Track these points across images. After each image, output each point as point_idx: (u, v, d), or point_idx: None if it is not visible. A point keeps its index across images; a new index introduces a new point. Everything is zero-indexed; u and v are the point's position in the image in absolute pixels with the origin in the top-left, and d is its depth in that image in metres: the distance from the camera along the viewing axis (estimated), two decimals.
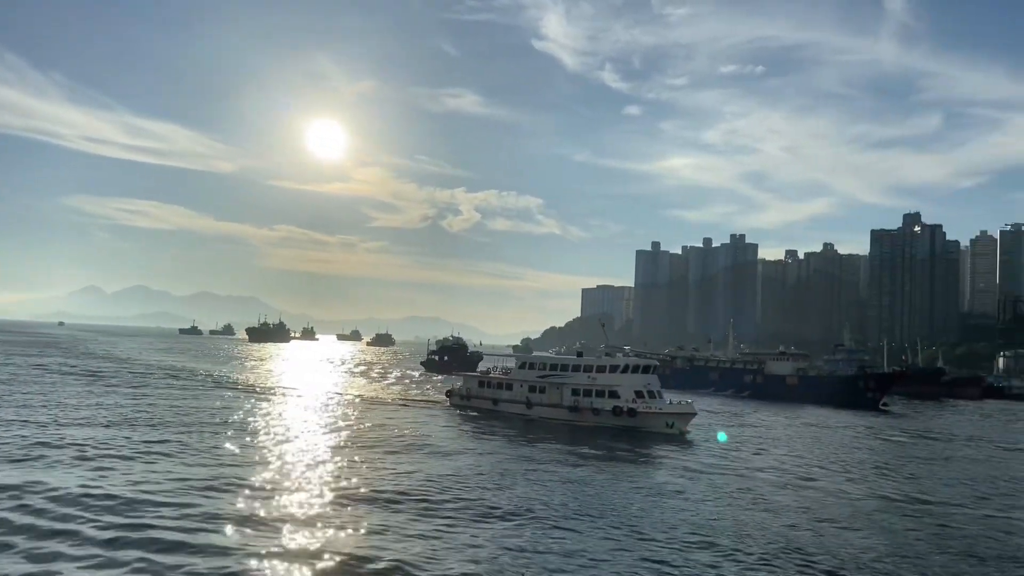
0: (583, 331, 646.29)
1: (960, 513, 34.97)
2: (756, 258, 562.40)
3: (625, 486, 37.30)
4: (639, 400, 61.14)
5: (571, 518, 29.66)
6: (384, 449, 44.99)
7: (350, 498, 31.00)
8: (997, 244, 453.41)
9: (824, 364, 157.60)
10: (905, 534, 30.20)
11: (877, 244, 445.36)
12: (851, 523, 31.41)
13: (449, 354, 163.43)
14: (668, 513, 31.60)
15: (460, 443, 50.20)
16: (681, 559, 24.84)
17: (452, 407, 73.24)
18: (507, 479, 37.35)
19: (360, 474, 36.34)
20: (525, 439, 53.24)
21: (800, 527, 30.18)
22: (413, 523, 27.42)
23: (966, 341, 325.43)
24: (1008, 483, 45.88)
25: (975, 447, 66.11)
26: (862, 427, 79.23)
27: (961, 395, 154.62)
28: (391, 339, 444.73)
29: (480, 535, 26.42)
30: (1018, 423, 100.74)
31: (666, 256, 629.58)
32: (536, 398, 66.71)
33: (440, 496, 32.19)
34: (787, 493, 37.60)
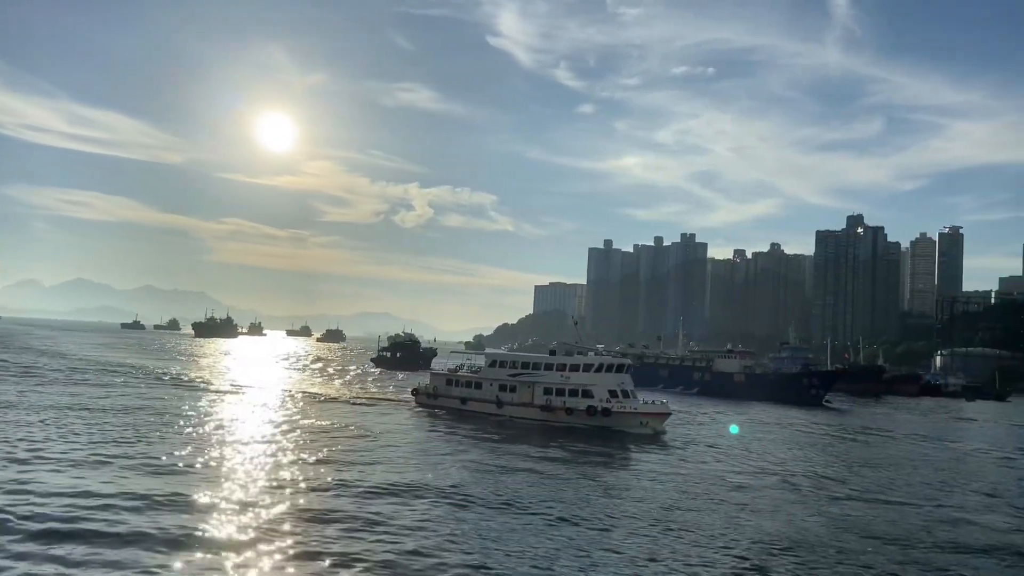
0: (536, 328, 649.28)
1: (894, 506, 35.89)
2: (705, 257, 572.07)
3: (616, 501, 36.96)
4: (613, 399, 59.81)
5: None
6: (345, 451, 43.01)
7: (303, 515, 27.73)
8: (936, 246, 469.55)
9: (770, 362, 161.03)
10: (836, 525, 30.83)
11: (822, 245, 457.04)
12: (796, 516, 31.99)
13: (402, 351, 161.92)
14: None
15: (427, 445, 48.59)
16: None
17: (418, 406, 70.85)
18: (480, 486, 34.84)
19: (316, 483, 33.30)
20: (497, 440, 51.55)
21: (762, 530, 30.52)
22: (378, 542, 25.20)
23: (905, 340, 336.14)
24: (938, 478, 47.29)
25: (911, 443, 68.11)
26: (806, 424, 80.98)
27: (900, 392, 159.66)
28: (342, 335, 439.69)
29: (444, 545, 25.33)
30: (952, 420, 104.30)
31: (618, 254, 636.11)
32: (507, 397, 64.80)
33: (401, 509, 29.55)
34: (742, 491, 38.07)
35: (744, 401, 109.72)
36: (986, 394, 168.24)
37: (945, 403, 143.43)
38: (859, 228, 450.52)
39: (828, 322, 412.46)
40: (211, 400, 68.53)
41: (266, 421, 55.37)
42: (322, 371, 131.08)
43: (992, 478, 49.09)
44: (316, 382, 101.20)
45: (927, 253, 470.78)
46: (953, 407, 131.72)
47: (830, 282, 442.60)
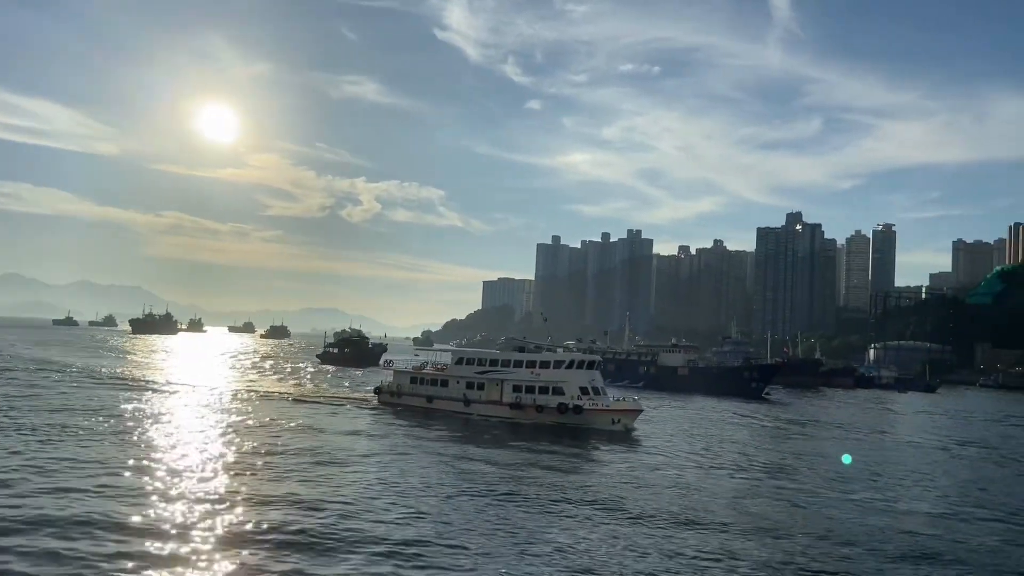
0: (485, 323, 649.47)
1: (820, 495, 37.30)
2: (651, 253, 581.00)
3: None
4: (585, 397, 59.07)
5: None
6: (297, 452, 41.53)
7: (250, 535, 24.76)
8: (870, 243, 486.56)
9: (713, 355, 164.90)
10: (767, 516, 31.92)
11: (762, 241, 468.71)
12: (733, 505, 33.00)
13: (350, 347, 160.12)
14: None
15: (387, 443, 47.22)
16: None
17: (381, 405, 68.89)
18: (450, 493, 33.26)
19: (268, 490, 30.96)
20: (466, 440, 50.27)
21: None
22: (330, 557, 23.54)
23: (841, 333, 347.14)
24: (868, 468, 49.22)
25: (844, 434, 70.63)
26: (746, 415, 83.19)
27: (836, 384, 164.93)
28: (286, 331, 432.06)
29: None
30: (885, 411, 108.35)
31: (566, 250, 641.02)
32: (474, 395, 63.37)
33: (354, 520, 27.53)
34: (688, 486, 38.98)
35: (688, 394, 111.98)
36: (917, 386, 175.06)
37: (878, 395, 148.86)
38: (798, 225, 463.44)
39: (768, 316, 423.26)
40: (149, 399, 66.61)
41: (212, 423, 53.03)
42: (273, 368, 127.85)
43: (920, 467, 51.23)
44: (266, 380, 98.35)
45: (862, 250, 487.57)
46: (886, 399, 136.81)
47: (770, 278, 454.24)
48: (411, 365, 72.56)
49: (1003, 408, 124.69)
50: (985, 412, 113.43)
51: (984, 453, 60.69)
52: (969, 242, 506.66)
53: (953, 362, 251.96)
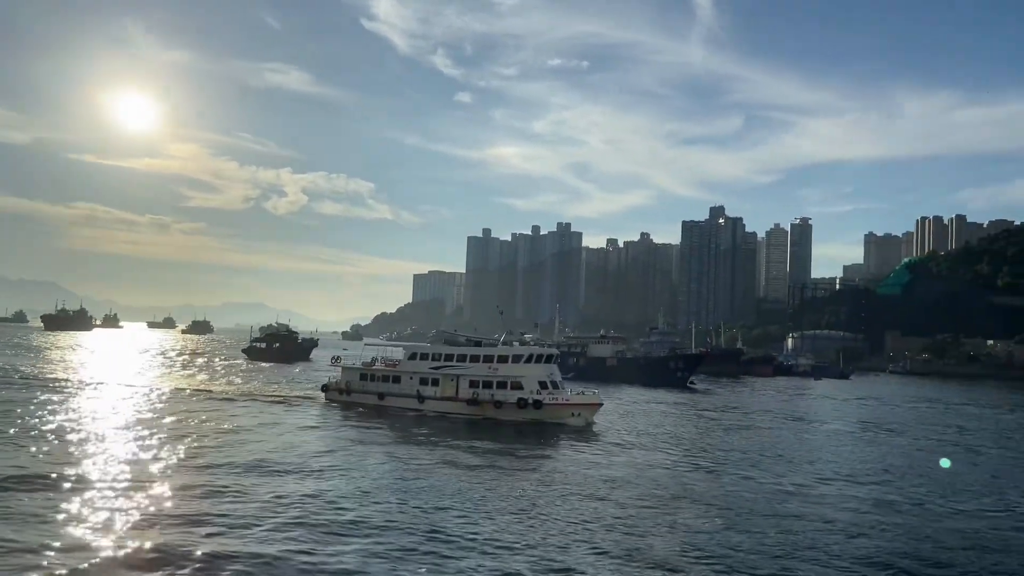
0: (415, 316, 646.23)
1: (740, 479, 39.38)
2: (580, 246, 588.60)
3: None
4: (544, 391, 58.37)
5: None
6: (234, 452, 40.55)
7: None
8: (788, 236, 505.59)
9: (640, 346, 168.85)
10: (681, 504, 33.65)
11: (687, 234, 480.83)
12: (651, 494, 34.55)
13: (279, 341, 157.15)
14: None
15: (338, 444, 45.24)
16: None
17: (329, 403, 66.66)
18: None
19: (208, 501, 28.88)
20: (423, 438, 48.82)
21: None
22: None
23: (761, 324, 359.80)
24: (784, 452, 51.95)
25: (764, 420, 73.95)
26: (671, 404, 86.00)
27: (756, 373, 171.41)
28: (209, 326, 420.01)
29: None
30: (800, 398, 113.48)
31: (496, 243, 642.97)
32: (429, 391, 61.96)
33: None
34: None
35: (616, 384, 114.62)
36: (831, 373, 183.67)
37: (796, 382, 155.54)
38: (721, 219, 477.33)
39: (693, 308, 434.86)
40: (63, 400, 64.17)
41: (138, 425, 51.33)
42: (200, 365, 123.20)
43: (831, 452, 54.26)
44: (197, 377, 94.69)
45: (780, 243, 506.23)
46: (802, 386, 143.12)
47: (695, 270, 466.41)
48: (360, 361, 70.12)
49: (910, 393, 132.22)
50: (893, 397, 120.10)
51: (889, 435, 64.63)
52: (879, 235, 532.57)
53: (865, 350, 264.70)
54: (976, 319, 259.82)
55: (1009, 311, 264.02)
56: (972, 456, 52.84)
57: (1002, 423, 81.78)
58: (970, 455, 53.26)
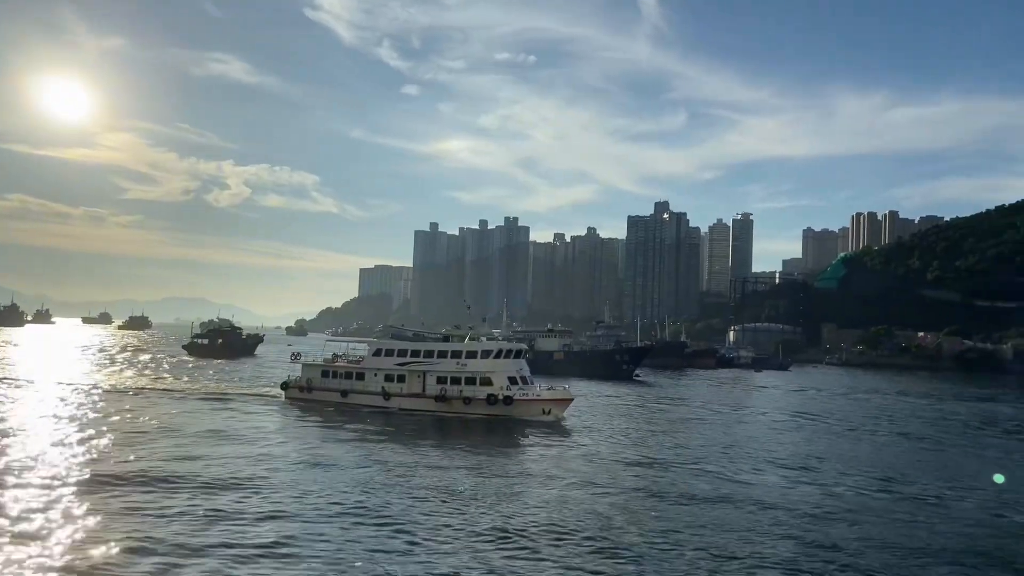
0: (362, 311, 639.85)
1: (679, 470, 40.54)
2: (528, 240, 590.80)
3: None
4: (514, 387, 57.83)
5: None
6: (183, 454, 39.28)
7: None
8: (730, 231, 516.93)
9: (587, 340, 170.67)
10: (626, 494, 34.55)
11: (633, 229, 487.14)
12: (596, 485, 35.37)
13: (222, 337, 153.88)
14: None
15: (301, 444, 44.26)
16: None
17: (289, 401, 64.91)
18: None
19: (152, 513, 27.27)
20: (392, 436, 48.01)
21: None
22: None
23: (704, 317, 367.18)
24: (724, 442, 53.51)
25: (706, 411, 75.87)
26: (619, 397, 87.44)
27: (699, 365, 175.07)
28: (147, 322, 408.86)
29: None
30: (743, 389, 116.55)
31: (444, 237, 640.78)
32: (394, 388, 60.90)
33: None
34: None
35: (564, 377, 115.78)
36: (771, 364, 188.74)
37: (737, 374, 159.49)
38: (665, 214, 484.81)
39: (638, 301, 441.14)
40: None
41: (77, 427, 49.87)
42: (149, 363, 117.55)
43: (770, 441, 56.08)
44: (145, 376, 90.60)
45: (723, 237, 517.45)
46: (743, 377, 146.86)
47: (640, 264, 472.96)
48: (321, 357, 68.74)
49: (845, 383, 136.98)
50: (829, 387, 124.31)
51: (823, 423, 67.10)
52: (817, 230, 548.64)
53: (803, 342, 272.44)
54: (907, 312, 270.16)
55: (938, 304, 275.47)
56: (895, 441, 55.29)
57: (929, 411, 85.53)
58: (895, 440, 55.70)
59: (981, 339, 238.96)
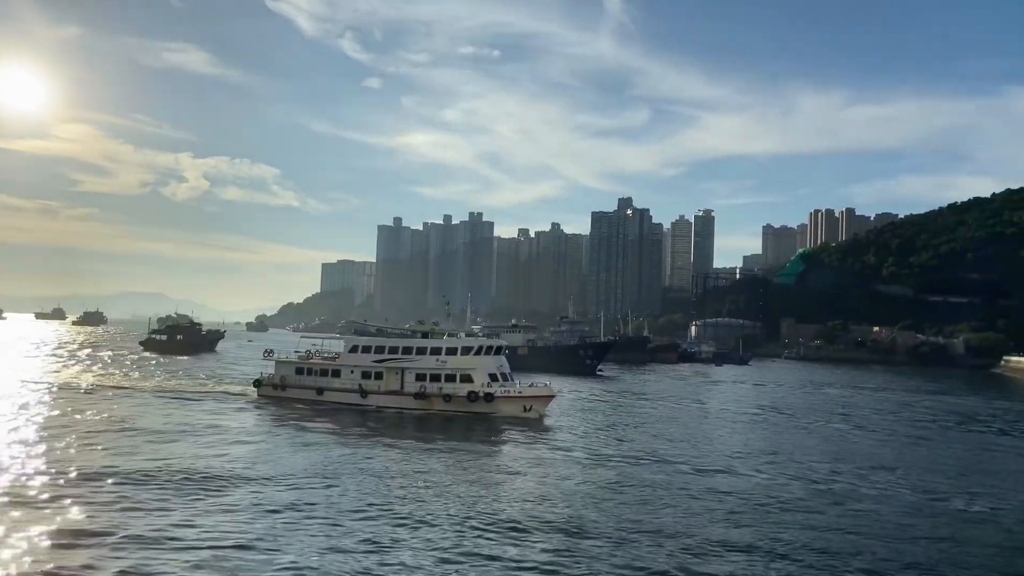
0: (323, 306, 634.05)
1: (649, 465, 41.20)
2: (492, 235, 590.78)
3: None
4: (495, 383, 57.24)
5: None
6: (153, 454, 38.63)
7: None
8: (692, 227, 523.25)
9: (551, 335, 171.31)
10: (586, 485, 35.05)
11: (596, 225, 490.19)
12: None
13: (182, 333, 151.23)
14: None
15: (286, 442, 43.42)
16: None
17: (262, 399, 63.52)
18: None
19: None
20: (374, 434, 47.17)
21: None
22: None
23: (667, 312, 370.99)
24: (687, 435, 54.43)
25: (670, 405, 76.97)
26: (585, 392, 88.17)
27: (661, 360, 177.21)
28: (102, 317, 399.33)
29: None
30: (704, 383, 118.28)
31: (407, 232, 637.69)
32: (372, 385, 59.80)
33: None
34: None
35: (528, 372, 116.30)
36: (732, 359, 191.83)
37: (699, 368, 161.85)
38: (628, 210, 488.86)
39: (602, 297, 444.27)
40: None
41: (45, 427, 48.50)
42: (112, 360, 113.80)
43: (730, 435, 57.17)
44: (113, 373, 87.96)
45: (685, 234, 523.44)
46: (705, 372, 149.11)
47: (603, 260, 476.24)
48: (294, 354, 67.15)
49: (802, 377, 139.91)
50: (787, 381, 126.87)
51: (781, 416, 68.59)
52: (776, 227, 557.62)
53: (762, 337, 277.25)
54: (863, 307, 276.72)
55: (892, 299, 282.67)
56: (848, 433, 56.81)
57: (883, 404, 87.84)
58: (848, 432, 57.24)
59: (934, 333, 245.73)
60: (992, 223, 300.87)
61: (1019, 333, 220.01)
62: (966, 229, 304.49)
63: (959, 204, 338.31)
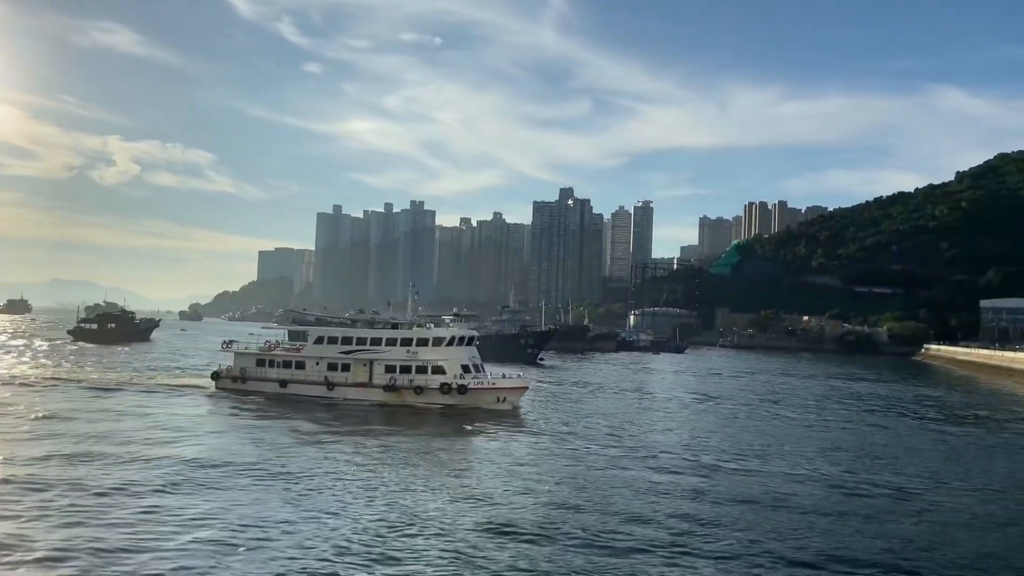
0: (261, 295, 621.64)
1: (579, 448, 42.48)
2: (434, 224, 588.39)
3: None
4: (467, 375, 56.60)
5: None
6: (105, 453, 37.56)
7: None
8: (631, 218, 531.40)
9: (492, 324, 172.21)
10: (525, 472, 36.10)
11: (538, 215, 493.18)
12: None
13: (115, 322, 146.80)
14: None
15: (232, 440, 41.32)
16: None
17: (220, 392, 61.48)
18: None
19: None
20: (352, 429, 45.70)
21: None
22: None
23: (606, 301, 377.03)
24: (619, 423, 56.06)
25: (609, 393, 78.77)
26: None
27: (601, 349, 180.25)
28: (27, 305, 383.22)
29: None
30: (641, 371, 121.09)
31: (348, 220, 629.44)
32: (339, 377, 58.60)
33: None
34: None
35: None
36: (669, 347, 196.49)
37: (637, 356, 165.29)
38: (569, 200, 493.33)
39: (543, 286, 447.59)
40: None
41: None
42: (50, 351, 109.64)
43: (665, 421, 59.06)
44: (45, 363, 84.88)
45: (624, 224, 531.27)
46: (642, 360, 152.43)
47: (545, 249, 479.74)
48: (256, 345, 65.29)
49: (736, 365, 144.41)
50: (721, 369, 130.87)
51: (714, 403, 71.11)
52: (713, 218, 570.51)
53: (699, 325, 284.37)
54: (794, 297, 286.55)
55: (821, 290, 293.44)
56: (777, 420, 59.45)
57: (810, 391, 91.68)
58: (776, 418, 59.88)
59: (860, 323, 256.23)
60: (915, 217, 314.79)
61: (939, 322, 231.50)
62: (891, 222, 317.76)
63: (884, 198, 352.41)
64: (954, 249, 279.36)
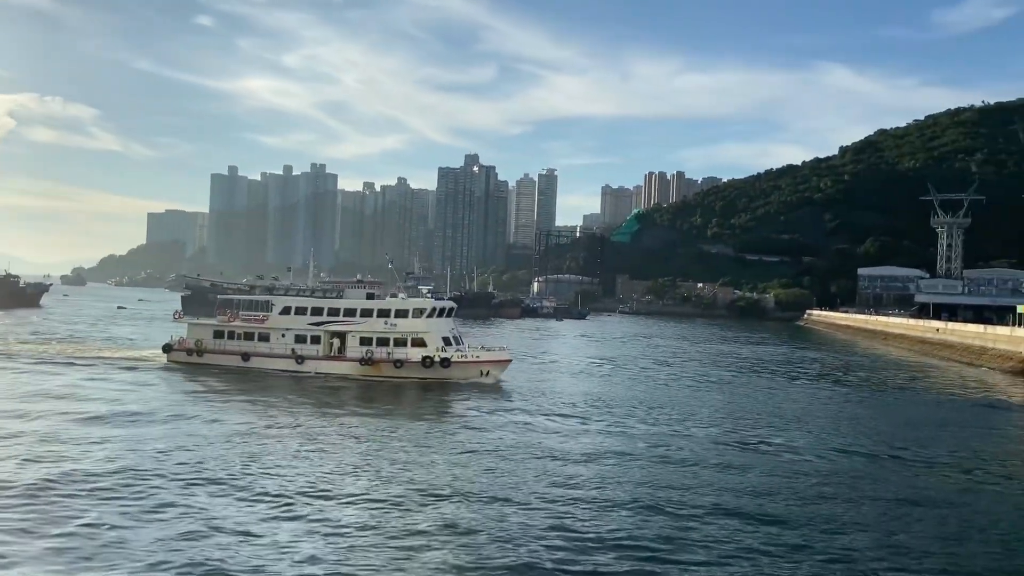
0: (150, 259, 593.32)
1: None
2: (336, 188, 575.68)
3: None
4: (449, 348, 54.70)
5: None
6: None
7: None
8: (536, 186, 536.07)
9: (397, 290, 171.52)
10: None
11: (443, 181, 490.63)
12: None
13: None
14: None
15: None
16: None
17: (173, 365, 57.75)
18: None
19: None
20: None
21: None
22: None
23: (511, 268, 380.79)
24: (525, 391, 57.61)
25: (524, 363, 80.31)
26: None
27: (505, 315, 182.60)
28: None
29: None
30: (544, 337, 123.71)
31: (244, 181, 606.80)
32: (308, 350, 55.86)
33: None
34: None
35: None
36: (571, 314, 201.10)
37: (540, 323, 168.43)
38: (475, 167, 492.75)
39: (448, 252, 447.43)
40: None
41: None
42: None
43: (566, 385, 60.94)
44: None
45: (529, 192, 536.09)
46: (545, 326, 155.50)
47: (450, 216, 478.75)
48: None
49: (633, 331, 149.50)
50: (619, 334, 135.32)
51: (610, 366, 73.93)
52: (614, 187, 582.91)
53: (600, 292, 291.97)
54: (690, 265, 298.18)
55: (715, 258, 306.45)
56: (674, 380, 62.58)
57: (703, 354, 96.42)
58: (669, 383, 62.99)
59: (750, 289, 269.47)
60: (802, 189, 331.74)
61: (821, 289, 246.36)
62: (779, 194, 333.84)
63: (774, 171, 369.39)
64: (836, 220, 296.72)
